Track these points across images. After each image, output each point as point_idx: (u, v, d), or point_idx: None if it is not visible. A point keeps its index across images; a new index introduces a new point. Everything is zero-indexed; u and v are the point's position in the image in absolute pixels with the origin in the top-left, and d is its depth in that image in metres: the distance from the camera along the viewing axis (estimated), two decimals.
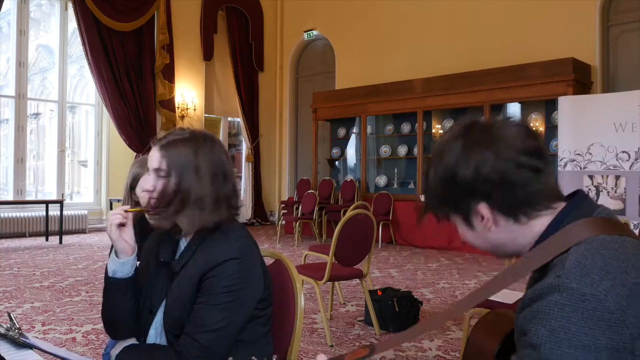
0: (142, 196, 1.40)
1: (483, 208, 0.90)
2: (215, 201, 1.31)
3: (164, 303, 1.39)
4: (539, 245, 0.86)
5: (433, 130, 8.36)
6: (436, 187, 0.95)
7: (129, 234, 1.38)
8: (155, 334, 1.41)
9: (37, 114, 9.96)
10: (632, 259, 0.77)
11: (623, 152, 5.65)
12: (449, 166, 0.91)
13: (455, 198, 0.92)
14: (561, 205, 0.90)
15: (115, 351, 1.42)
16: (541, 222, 0.90)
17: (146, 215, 1.35)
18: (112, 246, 1.46)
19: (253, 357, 0.68)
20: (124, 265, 1.37)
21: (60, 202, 7.77)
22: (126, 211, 1.37)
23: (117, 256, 1.38)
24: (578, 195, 0.91)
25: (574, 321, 0.72)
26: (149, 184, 1.33)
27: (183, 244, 1.42)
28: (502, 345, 0.99)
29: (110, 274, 1.38)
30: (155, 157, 1.33)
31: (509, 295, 2.57)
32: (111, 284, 1.38)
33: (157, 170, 1.33)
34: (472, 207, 0.91)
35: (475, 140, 0.90)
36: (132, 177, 2.00)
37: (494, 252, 0.98)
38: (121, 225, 1.37)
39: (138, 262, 1.45)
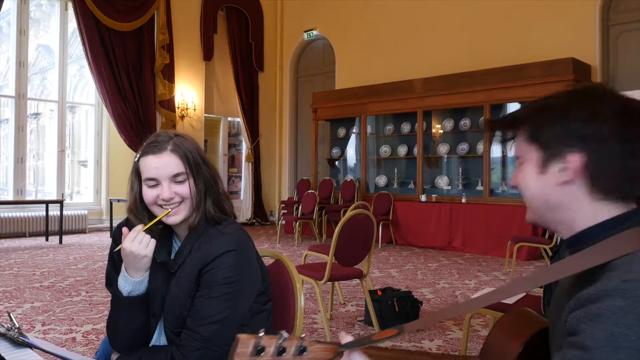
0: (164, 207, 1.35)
1: (577, 159, 0.83)
2: (223, 191, 1.39)
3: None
4: (601, 242, 0.80)
5: (433, 130, 8.36)
6: (543, 113, 0.87)
7: None
8: (158, 335, 1.42)
9: (37, 114, 9.96)
10: None
11: None
12: (576, 104, 0.85)
13: (559, 133, 0.85)
14: (633, 205, 0.86)
15: (115, 355, 1.42)
16: (609, 211, 0.85)
17: (164, 218, 1.32)
18: (109, 263, 1.44)
19: (283, 331, 0.68)
20: (141, 284, 1.33)
21: (60, 202, 7.77)
22: (147, 227, 1.31)
23: (129, 274, 1.32)
24: None
25: (635, 330, 0.69)
26: (167, 194, 1.31)
27: (176, 242, 1.43)
28: (525, 348, 0.95)
29: (125, 294, 1.32)
30: (173, 163, 1.31)
31: (511, 296, 2.56)
32: (128, 303, 1.32)
33: (177, 175, 1.32)
34: (565, 152, 0.84)
35: (614, 101, 0.85)
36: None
37: (538, 212, 0.91)
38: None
39: None
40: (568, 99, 0.86)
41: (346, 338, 0.76)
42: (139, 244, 1.27)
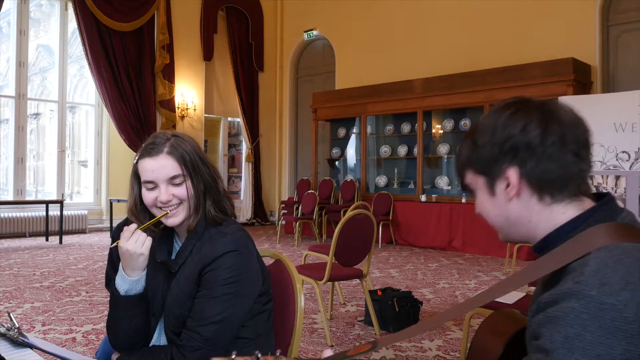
0: (162, 209, 1.34)
1: (513, 173, 0.87)
2: (223, 190, 1.39)
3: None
4: (560, 246, 0.82)
5: (433, 130, 8.36)
6: (471, 143, 0.92)
7: None
8: (159, 335, 1.42)
9: (37, 114, 9.96)
10: None
11: (623, 152, 5.65)
12: (493, 124, 0.89)
13: (485, 156, 0.90)
14: (587, 201, 0.89)
15: (115, 355, 1.42)
16: (564, 213, 0.88)
17: (163, 219, 1.33)
18: (108, 263, 1.45)
19: (257, 351, 0.68)
20: (138, 282, 1.33)
21: (60, 202, 7.77)
22: (142, 226, 1.32)
23: (126, 273, 1.32)
24: (606, 198, 0.90)
25: (590, 330, 0.70)
26: (165, 196, 1.31)
27: (177, 243, 1.43)
28: (506, 346, 0.97)
29: (123, 293, 1.33)
30: (169, 165, 1.31)
31: (509, 295, 2.57)
32: (126, 302, 1.33)
33: (174, 177, 1.31)
34: (502, 170, 0.88)
35: (529, 107, 0.89)
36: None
37: (505, 231, 0.94)
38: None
39: None
40: (490, 120, 0.90)
41: (326, 354, 0.77)
42: (135, 242, 1.28)
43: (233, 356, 0.66)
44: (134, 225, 1.31)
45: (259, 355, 0.66)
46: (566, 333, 0.71)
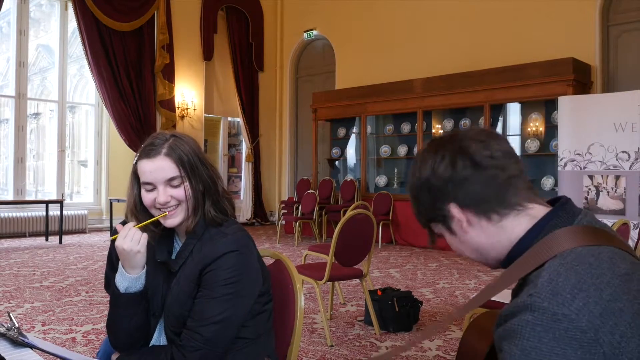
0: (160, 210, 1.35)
1: (454, 208, 0.91)
2: (222, 190, 1.39)
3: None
4: (519, 259, 0.83)
5: (433, 130, 8.36)
6: (413, 199, 0.99)
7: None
8: (159, 335, 1.42)
9: (37, 114, 9.96)
10: (607, 274, 0.75)
11: (623, 152, 5.65)
12: (415, 174, 0.96)
13: (427, 205, 0.95)
14: (538, 208, 0.89)
15: (115, 355, 1.42)
16: (519, 225, 0.88)
17: (162, 220, 1.33)
18: (107, 264, 1.45)
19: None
20: (138, 280, 1.34)
21: (60, 202, 7.77)
22: (140, 225, 1.32)
23: (126, 271, 1.33)
24: (560, 202, 0.89)
25: (545, 341, 0.71)
26: (163, 198, 1.31)
27: (177, 243, 1.43)
28: (492, 347, 0.97)
29: (122, 291, 1.33)
30: (167, 166, 1.31)
31: (509, 296, 2.56)
32: (126, 300, 1.33)
33: (172, 179, 1.31)
34: (445, 211, 0.92)
35: (434, 145, 0.94)
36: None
37: (481, 260, 0.97)
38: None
39: None
40: (414, 178, 0.96)
41: None
42: (131, 240, 1.28)
43: None
44: (130, 224, 1.31)
45: None
46: (523, 346, 0.72)
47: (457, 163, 0.89)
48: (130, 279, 1.32)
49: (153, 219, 1.32)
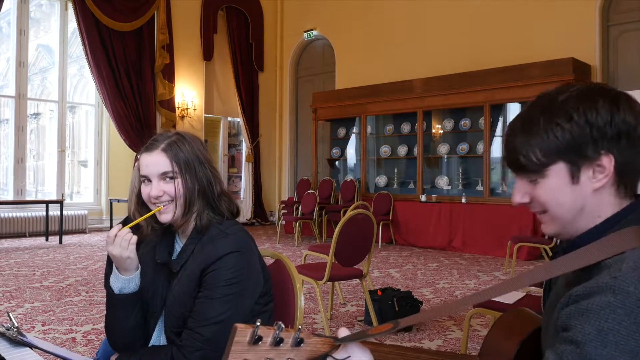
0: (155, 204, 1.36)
1: (609, 160, 0.82)
2: (221, 191, 1.39)
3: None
4: (596, 242, 0.80)
5: (433, 130, 8.36)
6: (551, 123, 0.84)
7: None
8: (159, 335, 1.42)
9: (37, 114, 9.96)
10: None
11: None
12: (589, 106, 0.82)
13: (585, 140, 0.81)
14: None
15: (114, 356, 1.42)
16: (612, 208, 0.85)
17: (157, 215, 1.34)
18: (107, 264, 1.46)
19: (279, 322, 0.71)
20: (131, 281, 1.35)
21: (60, 202, 7.76)
22: (131, 225, 1.33)
23: (120, 273, 1.34)
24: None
25: (625, 325, 0.71)
26: (155, 191, 1.33)
27: (178, 244, 1.43)
28: (521, 346, 0.96)
29: (117, 292, 1.34)
30: (161, 161, 1.33)
31: (509, 296, 2.56)
32: (120, 300, 1.35)
33: (164, 173, 1.33)
34: (596, 156, 0.82)
35: (625, 98, 0.84)
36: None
37: (563, 223, 0.88)
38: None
39: None
40: (579, 103, 0.83)
41: (343, 332, 0.77)
42: (119, 246, 1.29)
43: (258, 323, 0.67)
44: (116, 228, 1.32)
45: (282, 325, 0.68)
46: (600, 327, 0.71)
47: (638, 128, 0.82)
48: (123, 280, 1.34)
49: (146, 216, 1.34)
